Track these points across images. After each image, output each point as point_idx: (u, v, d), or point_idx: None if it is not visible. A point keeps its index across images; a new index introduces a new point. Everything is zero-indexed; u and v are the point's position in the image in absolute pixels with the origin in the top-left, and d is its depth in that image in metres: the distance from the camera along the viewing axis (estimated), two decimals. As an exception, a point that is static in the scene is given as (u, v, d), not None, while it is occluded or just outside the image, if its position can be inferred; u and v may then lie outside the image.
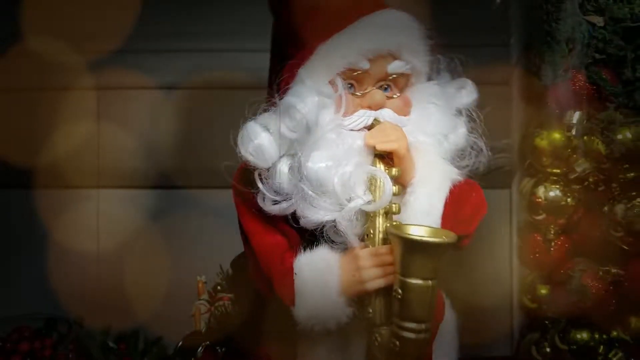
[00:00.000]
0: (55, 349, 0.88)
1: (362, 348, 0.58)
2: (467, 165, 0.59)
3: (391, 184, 0.54)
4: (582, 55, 0.60)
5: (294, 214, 0.55)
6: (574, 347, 0.73)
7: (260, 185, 0.55)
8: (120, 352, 0.96)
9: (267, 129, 0.55)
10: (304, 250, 0.56)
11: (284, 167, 0.55)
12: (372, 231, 0.54)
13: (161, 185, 1.08)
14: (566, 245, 0.72)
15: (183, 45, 1.04)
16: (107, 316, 1.01)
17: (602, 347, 0.72)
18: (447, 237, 0.51)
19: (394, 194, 0.54)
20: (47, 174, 1.07)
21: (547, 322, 0.77)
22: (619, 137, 0.62)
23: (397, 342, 0.52)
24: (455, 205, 0.56)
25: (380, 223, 0.54)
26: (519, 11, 0.70)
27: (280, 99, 0.55)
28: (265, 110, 0.56)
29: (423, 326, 0.52)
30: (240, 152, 0.55)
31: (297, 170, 0.54)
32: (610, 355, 0.72)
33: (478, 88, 0.98)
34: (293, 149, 0.55)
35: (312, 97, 0.54)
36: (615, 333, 0.72)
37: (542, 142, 0.68)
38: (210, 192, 1.01)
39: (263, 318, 0.62)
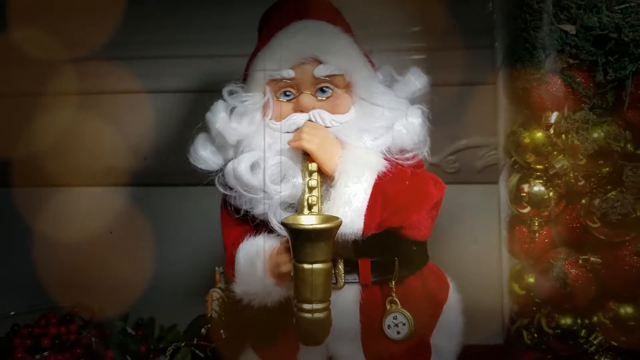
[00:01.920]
0: (79, 334, 0.92)
1: (355, 322, 0.65)
2: (415, 157, 0.64)
3: (302, 177, 0.61)
4: (557, 60, 0.66)
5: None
6: (559, 331, 0.76)
7: (216, 183, 0.65)
8: (138, 337, 1.01)
9: (211, 140, 0.66)
10: (250, 237, 0.63)
11: (230, 168, 0.64)
12: None
13: (183, 183, 1.13)
14: (548, 237, 0.76)
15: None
16: (125, 305, 1.07)
17: (584, 330, 0.76)
18: (328, 222, 0.54)
19: (311, 187, 0.60)
20: (71, 173, 1.13)
21: (534, 308, 0.82)
22: (594, 135, 0.67)
23: (295, 321, 0.57)
24: (384, 195, 0.60)
25: (304, 211, 0.60)
26: (500, 19, 0.76)
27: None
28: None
29: (314, 306, 0.55)
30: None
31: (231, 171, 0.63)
32: (591, 339, 0.76)
33: (467, 88, 1.04)
34: (238, 151, 0.64)
35: (222, 113, 0.64)
36: (596, 318, 0.75)
37: (525, 141, 0.73)
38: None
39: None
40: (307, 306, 0.55)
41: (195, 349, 0.80)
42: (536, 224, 0.76)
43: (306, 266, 0.54)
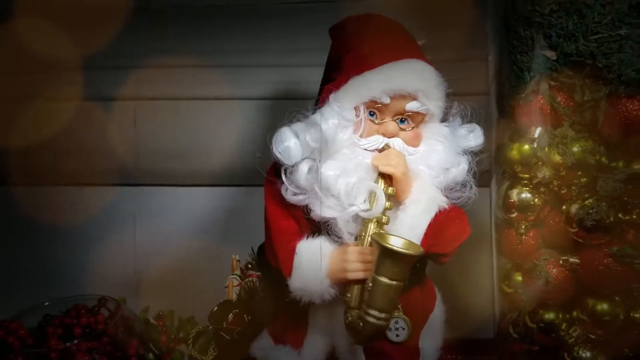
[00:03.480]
0: (106, 324, 0.97)
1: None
2: (460, 198, 0.70)
3: (384, 199, 0.66)
4: (540, 82, 0.73)
5: (307, 207, 0.67)
6: (542, 324, 0.83)
7: (284, 178, 0.67)
8: (159, 327, 1.07)
9: (297, 135, 0.67)
10: (308, 236, 0.69)
11: (304, 167, 0.67)
12: (363, 234, 0.67)
13: (196, 183, 1.20)
14: (535, 239, 0.83)
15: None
16: (147, 298, 1.15)
17: (564, 324, 0.83)
18: (415, 250, 0.63)
19: (387, 208, 0.66)
20: (95, 172, 1.20)
21: (521, 304, 0.89)
22: (573, 149, 0.75)
23: (361, 323, 0.65)
24: (438, 227, 0.68)
25: (371, 229, 0.66)
26: (492, 43, 0.83)
27: (313, 113, 0.69)
28: (299, 120, 0.69)
29: (383, 315, 0.64)
30: (272, 150, 0.68)
31: (314, 172, 0.66)
32: (570, 331, 0.83)
33: (462, 98, 1.11)
34: (314, 154, 0.67)
35: (333, 119, 0.66)
36: (575, 313, 0.83)
37: (513, 152, 0.80)
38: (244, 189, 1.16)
39: (282, 293, 0.72)
40: (378, 314, 0.64)
41: (223, 332, 0.84)
42: (523, 227, 0.83)
43: (386, 281, 0.62)
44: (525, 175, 0.82)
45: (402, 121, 0.69)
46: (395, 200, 0.67)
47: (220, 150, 1.16)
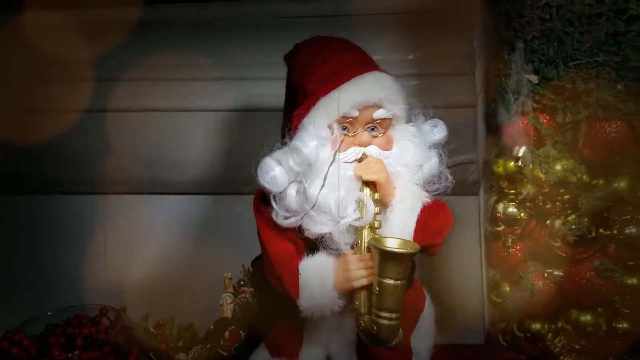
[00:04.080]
0: (107, 333, 0.99)
1: (351, 328, 0.74)
2: (438, 189, 0.74)
3: (373, 205, 0.69)
4: (524, 103, 0.76)
5: (300, 227, 0.70)
6: (529, 334, 0.86)
7: (274, 205, 0.70)
8: (159, 336, 1.08)
9: (280, 163, 0.70)
10: (308, 255, 0.71)
11: (292, 191, 0.70)
12: (359, 241, 0.70)
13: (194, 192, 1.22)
14: (521, 252, 0.86)
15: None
16: (146, 307, 1.16)
17: (550, 334, 0.86)
18: (412, 248, 0.67)
19: (376, 213, 0.69)
20: (93, 182, 1.23)
21: (510, 314, 0.92)
22: (556, 167, 0.78)
23: (375, 327, 0.68)
24: (425, 221, 0.71)
25: (365, 235, 0.69)
26: (479, 52, 0.86)
27: (290, 139, 0.71)
28: (278, 148, 0.72)
29: (394, 315, 0.67)
30: (259, 181, 0.70)
31: (302, 194, 0.69)
32: (556, 341, 0.86)
33: (449, 110, 1.15)
34: (299, 177, 0.70)
35: (312, 142, 0.69)
36: (560, 324, 0.86)
37: (499, 169, 0.83)
38: (236, 198, 1.16)
39: (277, 307, 0.77)
40: (389, 315, 0.67)
41: (220, 349, 0.88)
42: (509, 240, 0.87)
43: (391, 282, 0.65)
44: (511, 191, 0.85)
45: (372, 129, 0.73)
46: (382, 204, 0.71)
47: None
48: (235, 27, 1.16)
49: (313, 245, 0.72)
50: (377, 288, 0.67)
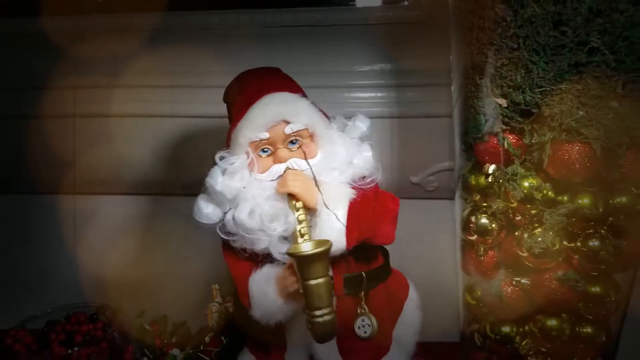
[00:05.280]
0: (104, 331, 1.05)
1: None
2: (373, 180, 0.78)
3: (294, 214, 0.73)
4: (494, 125, 0.80)
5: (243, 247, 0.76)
6: (499, 337, 0.92)
7: (219, 233, 0.76)
8: (153, 332, 1.13)
9: (210, 200, 0.77)
10: (257, 269, 0.76)
11: (229, 217, 0.76)
12: None
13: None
14: (492, 260, 0.92)
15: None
16: (141, 305, 1.21)
17: (518, 337, 0.92)
18: (321, 247, 0.68)
19: (300, 220, 0.73)
20: (81, 182, 1.26)
21: (483, 316, 0.98)
22: (525, 184, 0.83)
23: (310, 326, 0.70)
24: (358, 215, 0.74)
25: (298, 241, 0.73)
26: (455, 75, 0.90)
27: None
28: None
29: (324, 311, 0.69)
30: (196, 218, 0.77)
31: (234, 220, 0.75)
32: (523, 344, 0.92)
33: (426, 120, 1.18)
34: (232, 204, 0.76)
35: (219, 177, 0.75)
36: (527, 327, 0.91)
37: (472, 183, 0.88)
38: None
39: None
40: (318, 313, 0.69)
41: (202, 354, 0.94)
42: (482, 249, 0.91)
43: (312, 282, 0.68)
44: (484, 204, 0.90)
45: (293, 142, 0.77)
46: (310, 212, 0.75)
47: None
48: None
49: (263, 259, 0.76)
50: (301, 290, 0.70)
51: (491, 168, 0.83)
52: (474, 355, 1.00)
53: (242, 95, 0.80)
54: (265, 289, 0.75)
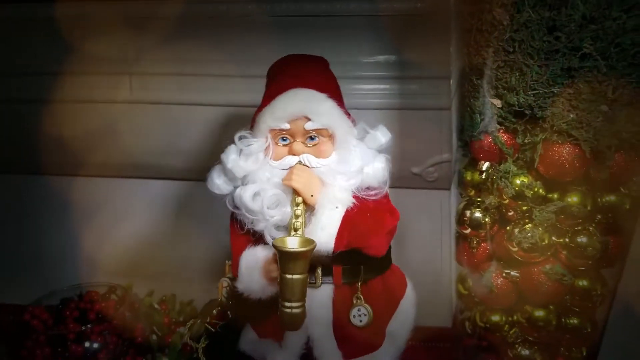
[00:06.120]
0: (116, 309, 1.10)
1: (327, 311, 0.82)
2: (378, 193, 0.80)
3: (290, 208, 0.77)
4: (489, 124, 0.83)
5: (241, 223, 0.80)
6: (488, 325, 0.96)
7: (227, 204, 0.81)
8: (162, 311, 1.19)
9: (223, 172, 0.81)
10: (250, 247, 0.80)
11: (237, 192, 0.79)
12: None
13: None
14: (485, 252, 0.95)
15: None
16: (150, 285, 1.28)
17: (506, 326, 0.96)
18: (306, 246, 0.71)
19: (297, 215, 0.76)
20: (100, 165, 1.31)
21: (474, 305, 1.02)
22: (517, 181, 0.86)
23: (279, 313, 0.74)
24: (352, 224, 0.77)
25: (290, 233, 0.76)
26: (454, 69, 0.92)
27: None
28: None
29: (294, 304, 0.73)
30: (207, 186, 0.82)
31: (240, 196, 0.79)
32: (511, 332, 0.96)
33: (429, 112, 1.21)
34: (243, 180, 0.80)
35: (232, 155, 0.80)
36: (516, 317, 0.95)
37: (467, 179, 0.92)
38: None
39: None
40: (288, 304, 0.73)
41: (209, 325, 0.98)
42: (474, 241, 0.95)
43: (288, 276, 0.71)
44: (478, 199, 0.93)
45: (312, 138, 0.80)
46: (309, 208, 0.78)
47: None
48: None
49: (261, 239, 0.80)
50: (279, 280, 0.73)
51: (485, 165, 0.86)
52: (465, 340, 1.05)
53: (274, 82, 0.83)
54: (252, 267, 0.79)
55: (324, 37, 1.21)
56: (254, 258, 0.80)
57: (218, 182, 0.81)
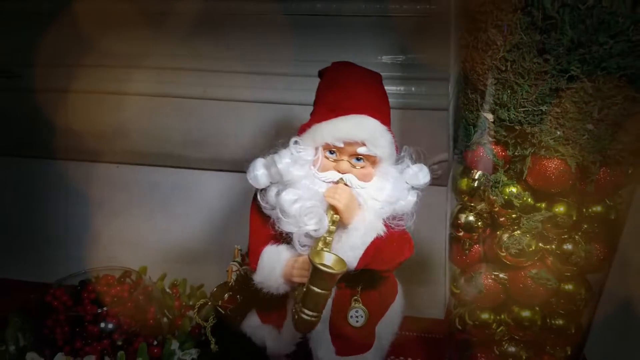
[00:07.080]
0: (130, 293, 1.17)
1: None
2: (402, 225, 0.83)
3: (328, 224, 0.79)
4: (481, 136, 0.87)
5: (274, 221, 0.82)
6: (477, 322, 1.01)
7: (258, 196, 0.84)
8: (173, 295, 1.27)
9: (265, 167, 0.83)
10: (274, 243, 0.83)
11: (273, 190, 0.82)
12: (314, 248, 0.79)
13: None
14: (477, 254, 1.00)
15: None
16: (162, 269, 1.36)
17: (494, 324, 1.01)
18: (338, 268, 0.74)
19: (330, 231, 0.79)
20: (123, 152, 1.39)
21: (465, 303, 1.07)
22: (507, 191, 0.90)
23: (297, 317, 0.78)
24: (376, 249, 0.80)
25: (319, 245, 0.79)
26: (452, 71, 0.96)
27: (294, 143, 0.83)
28: (275, 152, 0.83)
29: (313, 314, 0.77)
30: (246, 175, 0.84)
31: (277, 196, 0.81)
32: (498, 330, 1.01)
33: (435, 112, 1.25)
34: (285, 184, 0.82)
35: (286, 159, 0.81)
36: (503, 316, 1.00)
37: (462, 186, 0.96)
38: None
39: None
40: (309, 312, 0.77)
41: (219, 307, 1.01)
42: (467, 244, 0.99)
43: (316, 290, 0.75)
44: (472, 204, 0.97)
45: (358, 159, 0.82)
46: (342, 224, 0.80)
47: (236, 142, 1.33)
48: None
49: (284, 237, 0.83)
50: (304, 290, 0.76)
51: (477, 174, 0.91)
52: (455, 336, 1.10)
53: (335, 98, 0.83)
54: (274, 266, 0.82)
55: (337, 36, 1.25)
56: (277, 257, 0.83)
57: (258, 173, 0.83)
